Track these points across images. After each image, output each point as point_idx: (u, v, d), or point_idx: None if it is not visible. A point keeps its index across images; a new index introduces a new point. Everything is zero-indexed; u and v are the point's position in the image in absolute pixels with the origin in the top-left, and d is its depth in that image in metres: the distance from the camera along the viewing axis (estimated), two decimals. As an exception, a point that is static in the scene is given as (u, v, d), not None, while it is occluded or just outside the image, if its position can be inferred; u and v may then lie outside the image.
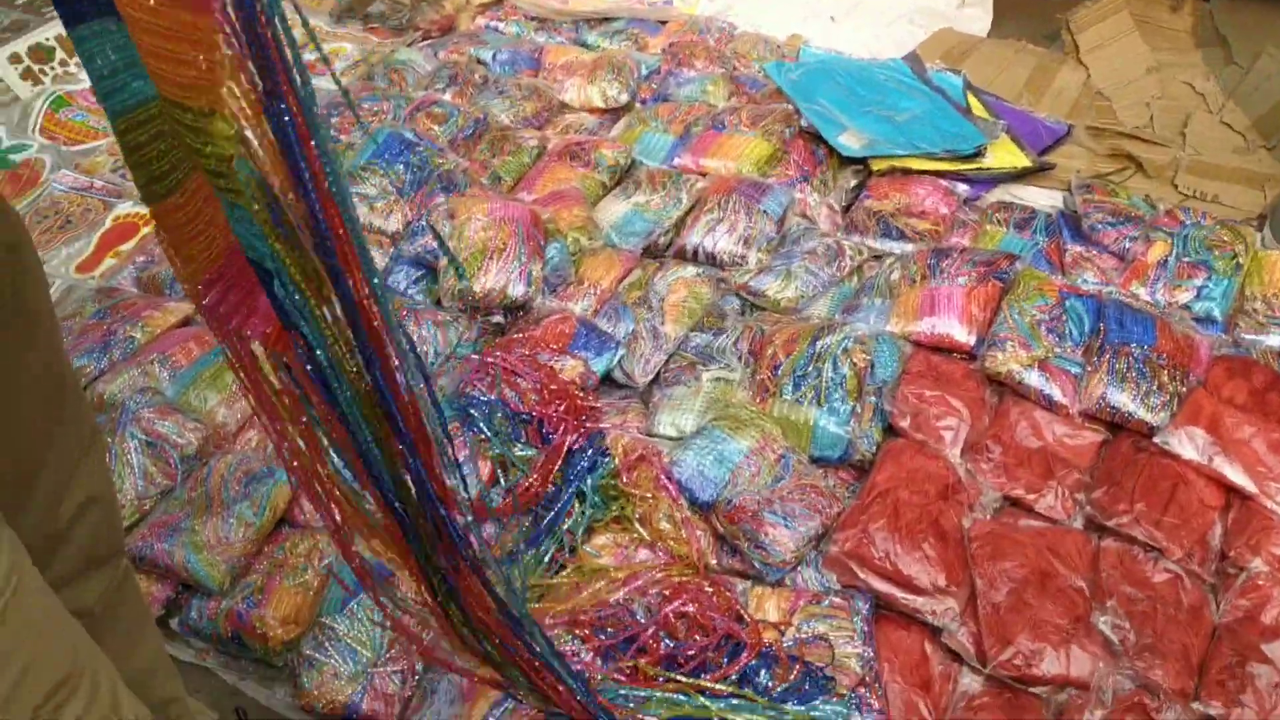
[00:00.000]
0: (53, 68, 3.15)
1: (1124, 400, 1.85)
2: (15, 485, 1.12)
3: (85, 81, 3.11)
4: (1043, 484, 1.80)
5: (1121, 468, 1.80)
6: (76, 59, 3.18)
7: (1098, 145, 2.67)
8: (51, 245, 2.56)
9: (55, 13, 3.18)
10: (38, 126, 2.94)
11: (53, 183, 2.74)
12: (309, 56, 2.69)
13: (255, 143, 0.66)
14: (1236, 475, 1.76)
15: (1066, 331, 1.97)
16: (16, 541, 0.92)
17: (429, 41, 3.16)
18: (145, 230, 2.57)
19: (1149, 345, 1.91)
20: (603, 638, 1.65)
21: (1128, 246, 2.21)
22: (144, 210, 2.63)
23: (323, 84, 3.03)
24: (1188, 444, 1.79)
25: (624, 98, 2.76)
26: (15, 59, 3.08)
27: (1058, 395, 1.89)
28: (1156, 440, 1.81)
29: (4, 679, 0.87)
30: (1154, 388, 1.85)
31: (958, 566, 1.68)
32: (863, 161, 2.51)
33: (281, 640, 1.72)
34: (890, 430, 1.89)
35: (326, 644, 1.69)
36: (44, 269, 1.12)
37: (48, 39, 3.17)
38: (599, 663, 1.62)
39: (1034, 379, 1.91)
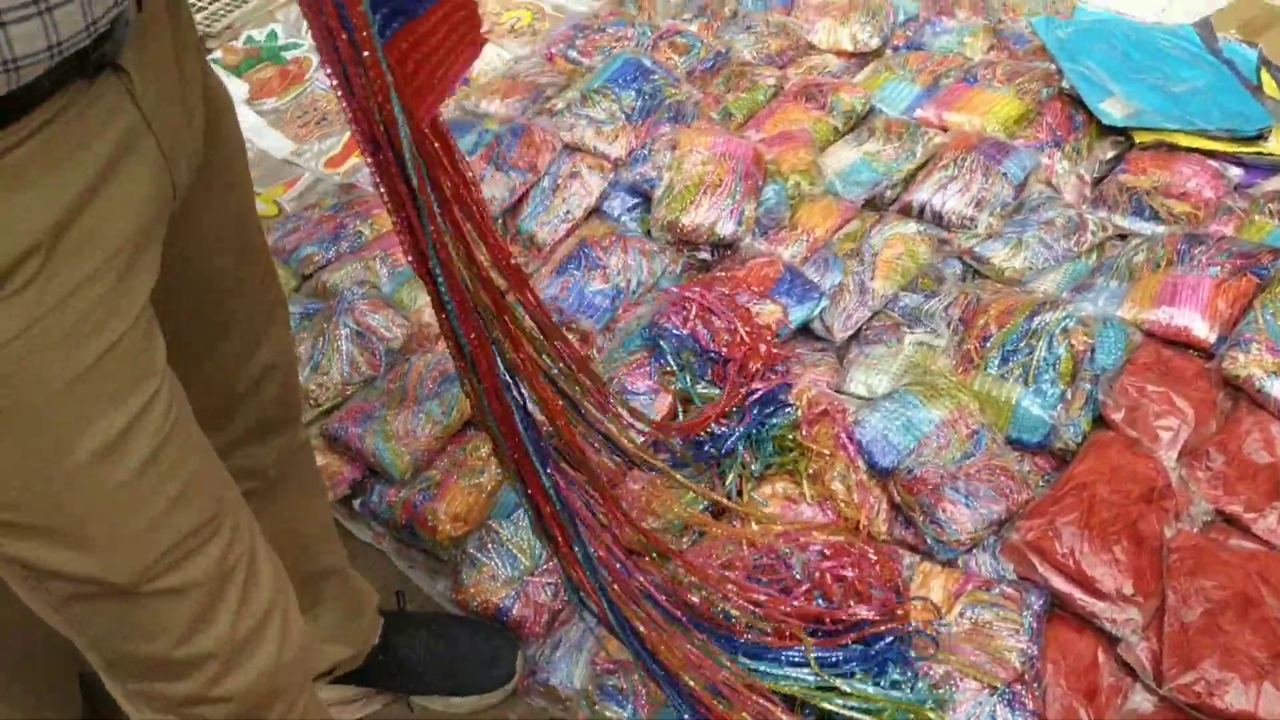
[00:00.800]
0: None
1: (1382, 426, 1.63)
2: (206, 338, 1.19)
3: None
4: (1265, 504, 1.62)
5: (1365, 501, 1.59)
6: (358, -33, 3.34)
7: None
8: (307, 139, 2.73)
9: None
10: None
11: (315, 81, 2.91)
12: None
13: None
14: None
15: (1326, 341, 1.75)
16: (178, 386, 0.98)
17: (687, -30, 3.12)
18: (393, 133, 2.69)
19: None
20: (756, 585, 1.62)
21: None
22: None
23: (580, 6, 3.07)
24: None
25: (875, 42, 2.64)
26: (303, -38, 3.27)
27: (1303, 410, 1.69)
28: None
29: (151, 508, 0.93)
30: None
31: (1149, 576, 1.54)
32: (1125, 132, 2.31)
33: (449, 535, 1.78)
34: (1101, 422, 1.75)
35: (490, 545, 1.75)
36: (244, 139, 1.17)
37: (334, -55, 3.34)
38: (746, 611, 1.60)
39: (1276, 388, 1.71)
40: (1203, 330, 1.81)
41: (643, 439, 1.66)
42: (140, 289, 0.91)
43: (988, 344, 1.81)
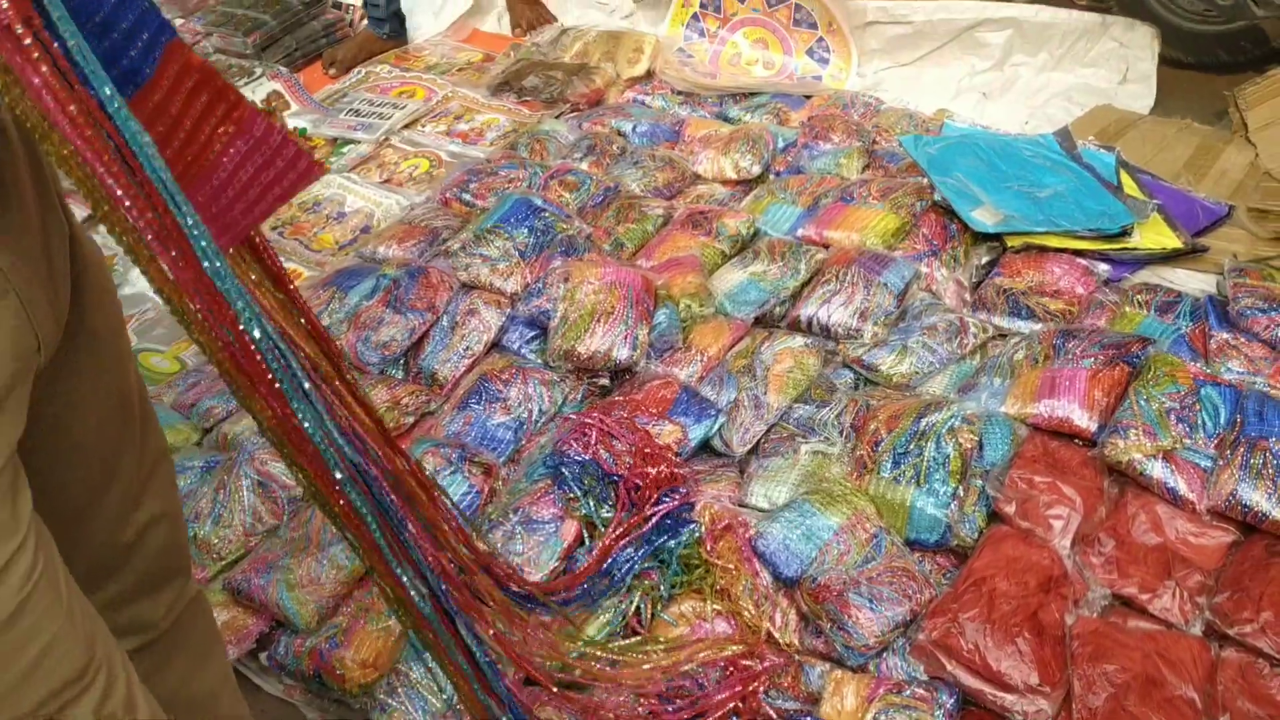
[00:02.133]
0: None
1: (1258, 499, 1.69)
2: (85, 496, 1.18)
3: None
4: (1159, 583, 1.66)
5: (1251, 572, 1.64)
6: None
7: (1260, 228, 2.49)
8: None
9: (239, 84, 3.40)
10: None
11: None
12: (462, 127, 2.77)
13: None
14: (1385, 589, 1.58)
15: (1199, 422, 1.82)
16: (46, 535, 0.96)
17: (575, 114, 3.25)
18: (295, 283, 2.71)
19: (1291, 441, 1.75)
20: (669, 710, 1.61)
21: (1280, 335, 2.04)
22: (294, 266, 2.79)
23: (475, 152, 3.16)
24: (1329, 551, 1.62)
25: (756, 169, 2.75)
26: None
27: (1184, 490, 1.75)
28: (1293, 545, 1.64)
29: (13, 667, 0.90)
30: (1294, 487, 1.69)
31: (1055, 665, 1.56)
32: (998, 237, 2.42)
33: (359, 683, 1.74)
34: (996, 517, 1.79)
35: (400, 690, 1.71)
36: (118, 299, 1.18)
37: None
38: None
39: (1158, 470, 1.77)
40: (1083, 420, 1.88)
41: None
42: (0, 448, 0.91)
43: (879, 448, 1.85)
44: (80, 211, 1.08)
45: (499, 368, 2.18)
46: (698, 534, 1.81)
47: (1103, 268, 2.35)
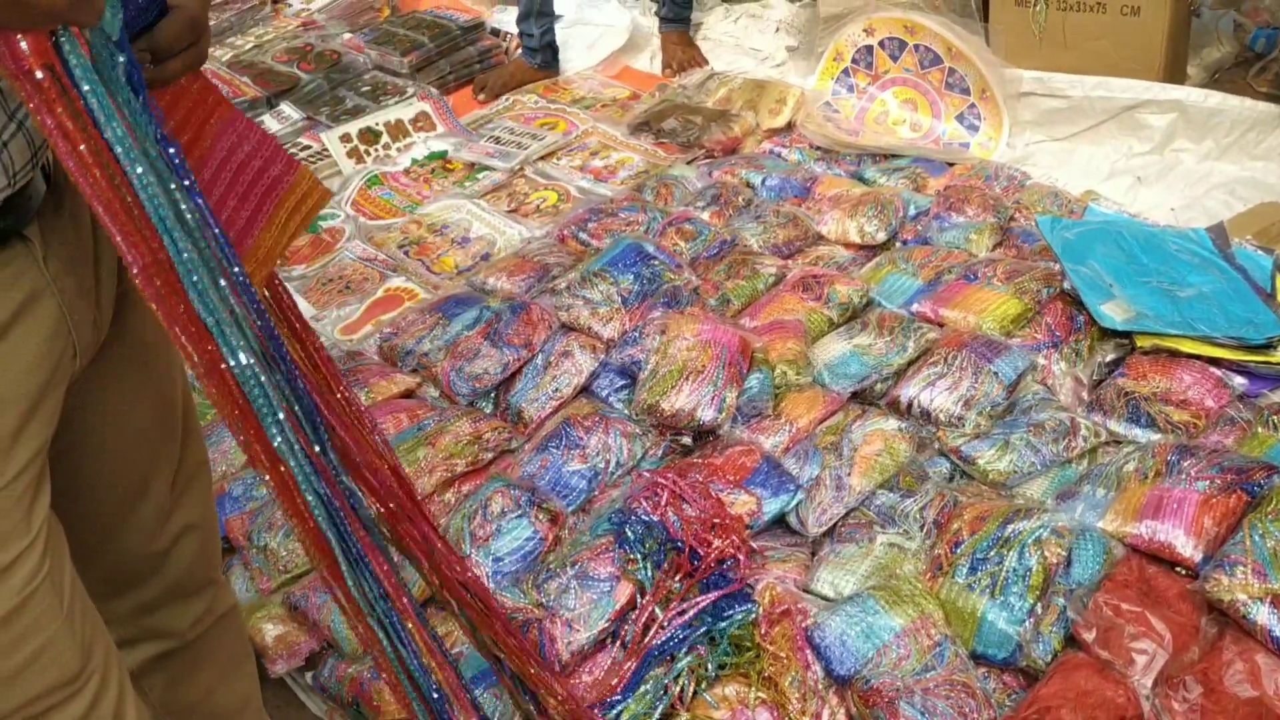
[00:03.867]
0: (376, 150, 3.49)
1: (1374, 664, 1.52)
2: (121, 503, 1.20)
3: (402, 164, 3.43)
4: (1247, 743, 1.50)
5: (1355, 745, 1.47)
6: (399, 144, 3.51)
7: None
8: (328, 306, 2.81)
9: (391, 102, 3.52)
10: (350, 200, 3.26)
11: (345, 250, 3.01)
12: (596, 163, 2.76)
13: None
14: None
15: (1319, 567, 1.65)
16: (58, 538, 0.98)
17: (708, 161, 3.22)
18: (409, 303, 2.76)
19: None
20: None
21: None
22: (412, 286, 2.84)
23: (603, 189, 3.16)
24: None
25: (881, 236, 2.67)
26: (346, 138, 3.45)
27: (1291, 641, 1.59)
28: None
29: (7, 664, 0.93)
30: None
31: (1115, 817, 1.43)
32: (1128, 336, 2.27)
33: (394, 716, 1.73)
34: (1074, 642, 1.66)
35: (432, 732, 1.69)
36: None
37: (377, 124, 3.52)
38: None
39: (1264, 615, 1.60)
40: (1187, 548, 1.73)
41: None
42: (23, 450, 0.92)
43: (958, 550, 1.74)
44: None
45: (584, 413, 2.16)
46: (753, 615, 1.74)
47: (1239, 381, 2.17)
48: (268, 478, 0.88)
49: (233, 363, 0.81)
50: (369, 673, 1.78)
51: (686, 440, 2.12)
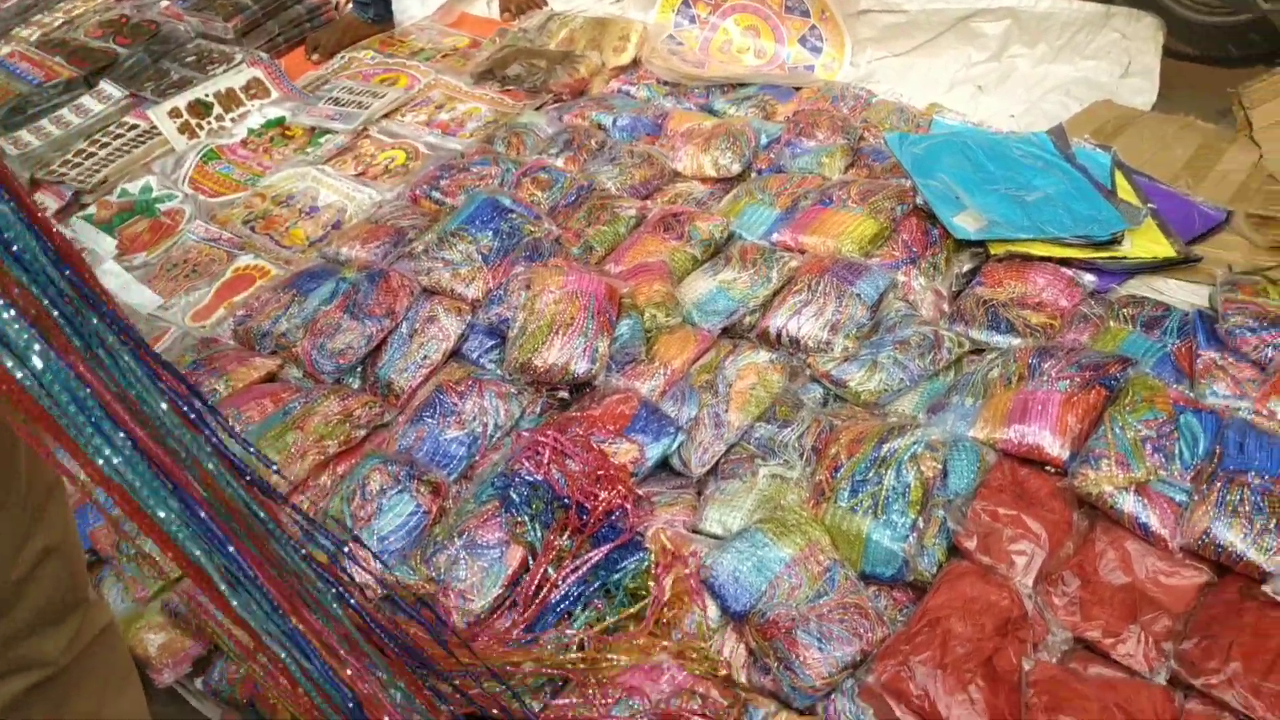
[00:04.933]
0: (209, 122, 3.32)
1: (1233, 539, 1.60)
2: None
3: (238, 135, 3.27)
4: (1123, 627, 1.57)
5: (1221, 618, 1.55)
6: (233, 114, 3.35)
7: (1260, 236, 2.38)
8: (176, 293, 2.68)
9: (218, 71, 3.35)
10: (187, 178, 3.10)
11: (187, 232, 2.87)
12: (443, 117, 2.70)
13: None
14: (1364, 640, 1.49)
15: (1176, 452, 1.73)
16: None
17: (557, 105, 3.16)
18: (261, 282, 2.65)
19: (1271, 475, 1.65)
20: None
21: (1271, 355, 1.94)
22: (263, 263, 2.72)
23: (451, 144, 3.08)
24: (1306, 597, 1.53)
25: (736, 167, 2.66)
26: (175, 113, 3.27)
27: (1155, 525, 1.66)
28: (1267, 588, 1.55)
29: None
30: (1271, 526, 1.60)
31: (1009, 714, 1.48)
32: (982, 244, 2.32)
33: (291, 714, 1.68)
34: (957, 550, 1.71)
35: (332, 724, 1.65)
36: None
37: (207, 94, 3.35)
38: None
39: (1129, 504, 1.68)
40: (1054, 447, 1.79)
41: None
42: None
43: (838, 474, 1.77)
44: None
45: (456, 379, 2.11)
46: (646, 563, 1.74)
47: (1089, 278, 2.25)
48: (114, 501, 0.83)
49: (20, 375, 0.75)
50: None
51: (563, 394, 2.10)
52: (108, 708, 1.39)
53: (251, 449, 1.07)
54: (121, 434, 0.79)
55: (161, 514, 0.86)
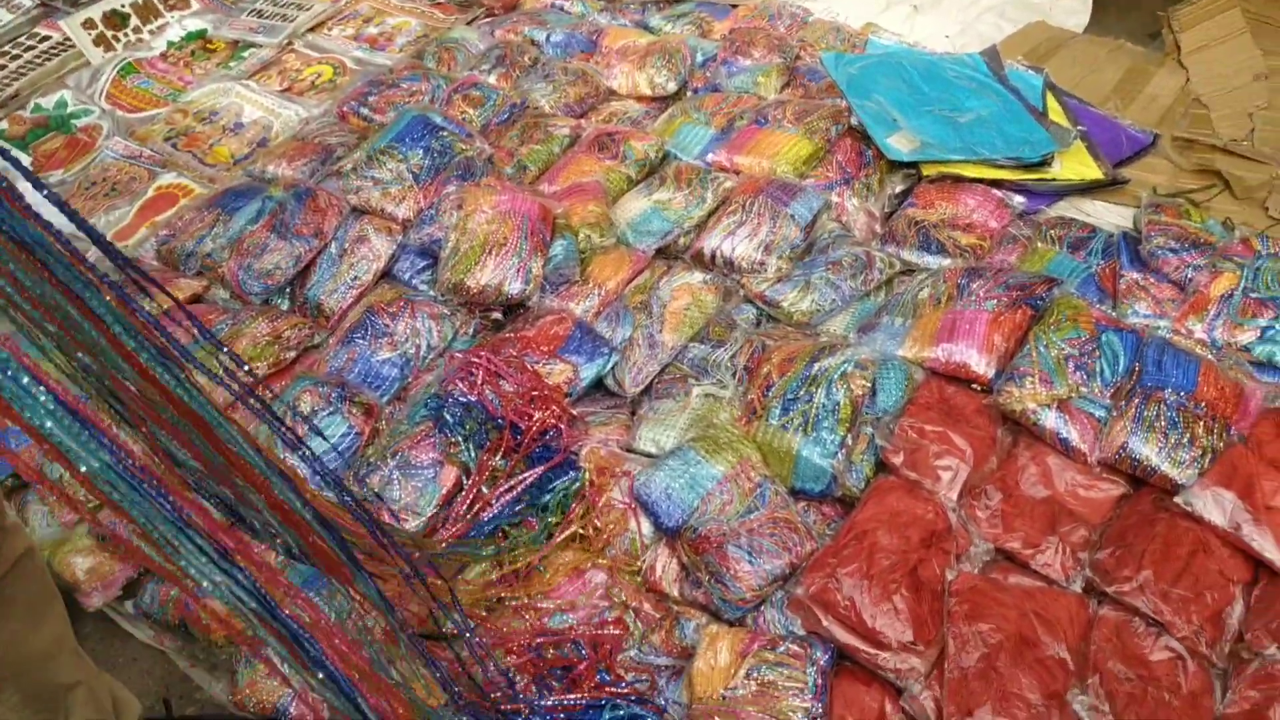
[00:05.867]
0: (126, 34, 3.20)
1: (1148, 452, 1.65)
2: None
3: (158, 49, 3.16)
4: (1042, 539, 1.63)
5: (1135, 528, 1.61)
6: (151, 26, 3.23)
7: (1184, 159, 2.42)
8: (95, 212, 2.60)
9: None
10: (104, 92, 3.00)
11: (105, 149, 2.78)
12: (371, 31, 2.63)
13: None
14: (1267, 547, 1.55)
15: (1097, 369, 1.77)
16: None
17: (490, 19, 3.09)
18: (184, 201, 2.58)
19: (1186, 391, 1.70)
20: (539, 661, 1.57)
21: (1190, 276, 1.99)
22: (186, 181, 2.65)
23: (380, 59, 3.00)
24: (1214, 507, 1.59)
25: (672, 86, 2.63)
26: (89, 24, 3.14)
27: (1075, 440, 1.71)
28: (1179, 500, 1.61)
29: None
30: (1185, 440, 1.65)
31: (931, 623, 1.53)
32: (915, 166, 2.34)
33: (223, 633, 1.69)
34: (885, 467, 1.74)
35: (266, 643, 1.65)
36: None
37: (123, 5, 3.22)
38: (532, 688, 1.54)
39: (1051, 420, 1.72)
40: (980, 365, 1.82)
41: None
42: None
43: (770, 393, 1.79)
44: None
45: (387, 300, 2.09)
46: (579, 482, 1.75)
47: (1018, 200, 2.27)
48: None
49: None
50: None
51: (497, 315, 2.09)
52: (30, 631, 1.39)
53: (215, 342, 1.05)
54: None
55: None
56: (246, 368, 1.16)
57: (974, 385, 1.84)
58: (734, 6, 3.07)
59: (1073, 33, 2.92)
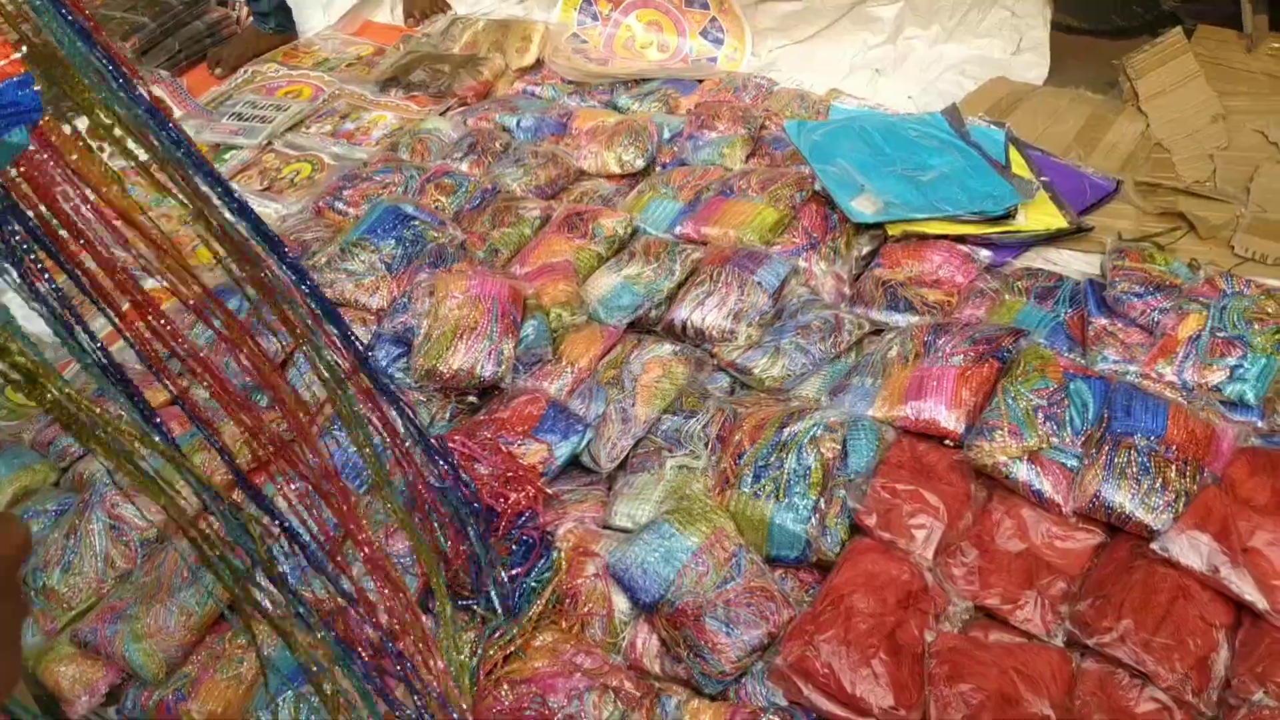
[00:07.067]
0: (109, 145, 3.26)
1: (1121, 499, 1.65)
2: None
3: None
4: (1021, 593, 1.62)
5: (1113, 577, 1.60)
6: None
7: (1148, 204, 2.45)
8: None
9: (116, 91, 3.29)
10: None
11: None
12: (348, 127, 2.68)
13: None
14: (1246, 589, 1.54)
15: (1067, 419, 1.78)
16: None
17: (463, 109, 3.15)
18: (166, 305, 2.61)
19: (1156, 436, 1.70)
20: (523, 751, 1.56)
21: (1158, 319, 2.00)
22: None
23: (357, 153, 3.06)
24: (1190, 551, 1.58)
25: (640, 163, 2.68)
26: (75, 137, 3.21)
27: (1049, 491, 1.70)
28: (1155, 546, 1.60)
29: None
30: (1157, 485, 1.65)
31: (912, 686, 1.51)
32: (881, 226, 2.36)
33: (219, 735, 1.68)
34: (859, 529, 1.74)
35: (250, 742, 1.65)
36: None
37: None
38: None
39: (1023, 472, 1.72)
40: (950, 421, 1.83)
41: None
42: None
43: (741, 460, 1.79)
44: None
45: (364, 389, 2.10)
46: (556, 560, 1.75)
47: (984, 254, 2.29)
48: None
49: None
50: (174, 695, 1.71)
51: (473, 399, 2.10)
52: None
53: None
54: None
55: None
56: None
57: (945, 441, 1.85)
58: (700, 82, 3.13)
59: (1033, 86, 2.97)
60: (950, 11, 3.11)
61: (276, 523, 1.17)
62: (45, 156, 0.87)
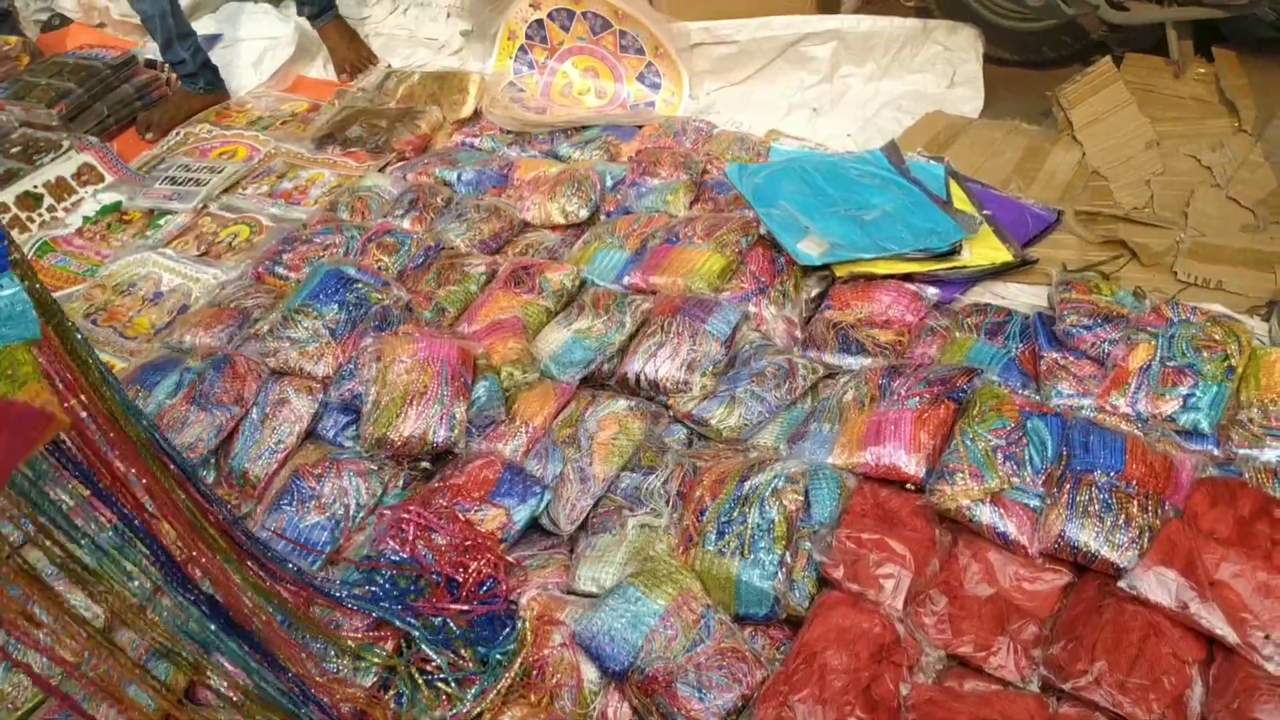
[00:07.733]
0: (40, 214, 3.19)
1: (1086, 538, 1.64)
2: None
3: (73, 225, 3.15)
4: (993, 639, 1.60)
5: (1083, 618, 1.59)
6: (66, 203, 3.22)
7: (1089, 232, 2.47)
8: (13, 399, 2.54)
9: (46, 160, 3.21)
10: (18, 275, 2.96)
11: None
12: (285, 186, 2.64)
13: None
14: (1216, 623, 1.53)
15: (1026, 458, 1.77)
16: None
17: (402, 164, 3.11)
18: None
19: (1116, 471, 1.70)
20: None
21: (1108, 350, 2.01)
22: (107, 358, 2.61)
23: (296, 213, 3.01)
24: (1158, 588, 1.57)
25: (584, 213, 2.66)
26: (3, 209, 3.13)
27: (1013, 533, 1.70)
28: (1123, 584, 1.59)
29: None
30: (1120, 521, 1.65)
31: (890, 743, 1.49)
32: (828, 267, 2.36)
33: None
34: (827, 581, 1.72)
35: (207, 845, 1.57)
36: None
37: (36, 186, 3.22)
38: None
39: (986, 515, 1.71)
40: (910, 465, 1.82)
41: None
42: None
43: (704, 517, 1.77)
44: None
45: (312, 461, 2.05)
46: (521, 631, 1.71)
47: (931, 291, 2.30)
48: None
49: None
50: (128, 796, 1.64)
51: (426, 464, 2.05)
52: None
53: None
54: None
55: None
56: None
57: (907, 486, 1.83)
58: (640, 128, 3.12)
59: (969, 119, 3.00)
60: (884, 49, 3.13)
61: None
62: None
